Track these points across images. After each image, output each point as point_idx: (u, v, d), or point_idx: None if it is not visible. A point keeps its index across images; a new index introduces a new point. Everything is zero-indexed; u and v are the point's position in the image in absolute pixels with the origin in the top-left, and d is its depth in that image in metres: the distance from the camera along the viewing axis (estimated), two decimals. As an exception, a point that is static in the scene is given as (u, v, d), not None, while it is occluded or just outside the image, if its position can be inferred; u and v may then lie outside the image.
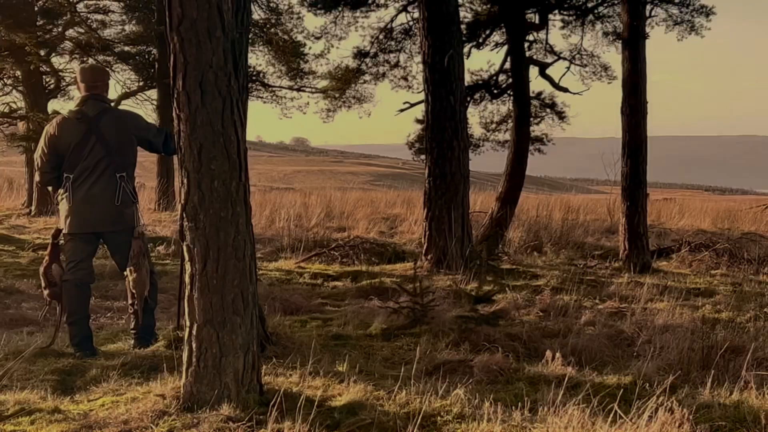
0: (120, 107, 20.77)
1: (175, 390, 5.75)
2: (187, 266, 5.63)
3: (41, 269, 7.72)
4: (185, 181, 5.54)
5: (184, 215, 5.57)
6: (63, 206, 7.56)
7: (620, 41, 15.00)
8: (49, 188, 7.88)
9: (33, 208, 23.98)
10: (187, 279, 5.66)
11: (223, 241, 5.50)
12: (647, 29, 15.52)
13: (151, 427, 5.27)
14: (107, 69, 9.09)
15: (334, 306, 10.37)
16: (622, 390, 6.04)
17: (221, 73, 5.43)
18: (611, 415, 5.18)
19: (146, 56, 27.58)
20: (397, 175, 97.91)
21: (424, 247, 13.81)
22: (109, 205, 7.42)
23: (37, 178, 7.84)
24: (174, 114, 5.56)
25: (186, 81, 5.41)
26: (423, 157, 14.66)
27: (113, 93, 27.12)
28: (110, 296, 10.54)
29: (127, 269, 7.51)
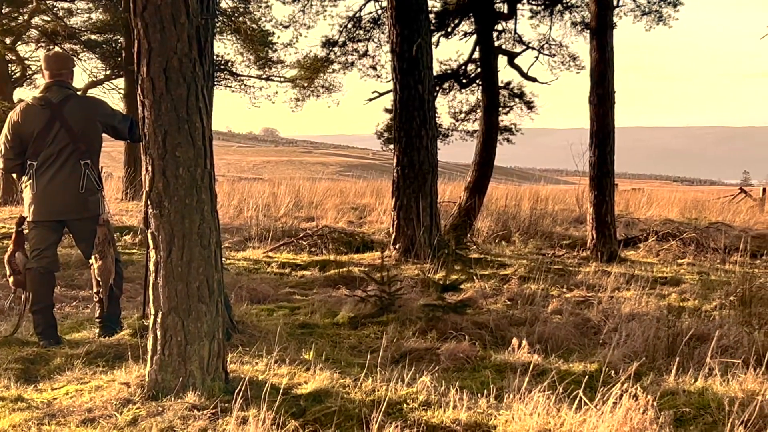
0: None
1: (140, 378, 5.72)
2: (152, 254, 5.60)
3: (5, 257, 7.64)
4: (150, 167, 5.51)
5: (149, 202, 5.54)
6: (27, 194, 7.48)
7: (588, 31, 15.03)
8: (13, 175, 7.81)
9: (-1, 196, 23.80)
10: (151, 266, 5.63)
11: (188, 229, 5.47)
12: (615, 19, 15.59)
13: (116, 416, 5.24)
14: (72, 56, 9.00)
15: (302, 295, 10.35)
16: (587, 377, 6.05)
17: (186, 59, 5.39)
18: (576, 402, 5.19)
19: (113, 44, 27.43)
20: (366, 166, 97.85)
21: (393, 236, 13.81)
22: (73, 193, 7.35)
23: (0, 164, 7.75)
24: (138, 100, 5.52)
25: (150, 67, 5.37)
26: (392, 146, 14.64)
27: (80, 82, 27.00)
28: (76, 285, 10.47)
29: (92, 257, 7.46)
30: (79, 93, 8.16)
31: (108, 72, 27.97)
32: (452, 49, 29.66)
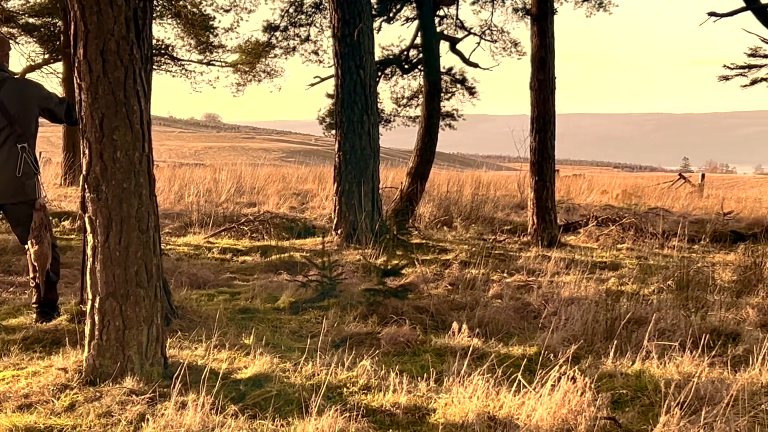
0: (24, 79, 20.30)
1: (78, 364, 5.67)
2: (90, 238, 5.54)
3: (-61, 243, 7.54)
4: (87, 151, 5.45)
5: (86, 186, 5.49)
6: (-38, 178, 7.36)
7: (529, 17, 15.09)
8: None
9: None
10: (89, 251, 5.57)
11: (126, 213, 5.42)
12: (556, 5, 15.67)
13: (53, 401, 5.18)
14: (8, 39, 8.84)
15: (243, 280, 10.30)
16: (526, 360, 6.14)
17: (123, 41, 5.32)
18: (515, 385, 5.24)
19: (51, 28, 27.03)
20: (309, 152, 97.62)
21: (335, 221, 13.79)
22: (10, 177, 7.25)
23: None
24: (75, 83, 5.45)
25: (87, 49, 5.29)
26: (334, 132, 14.60)
27: (18, 66, 26.61)
28: (13, 271, 10.33)
29: (29, 242, 7.37)
30: (16, 76, 8.04)
31: (46, 56, 27.57)
32: (394, 35, 29.65)
